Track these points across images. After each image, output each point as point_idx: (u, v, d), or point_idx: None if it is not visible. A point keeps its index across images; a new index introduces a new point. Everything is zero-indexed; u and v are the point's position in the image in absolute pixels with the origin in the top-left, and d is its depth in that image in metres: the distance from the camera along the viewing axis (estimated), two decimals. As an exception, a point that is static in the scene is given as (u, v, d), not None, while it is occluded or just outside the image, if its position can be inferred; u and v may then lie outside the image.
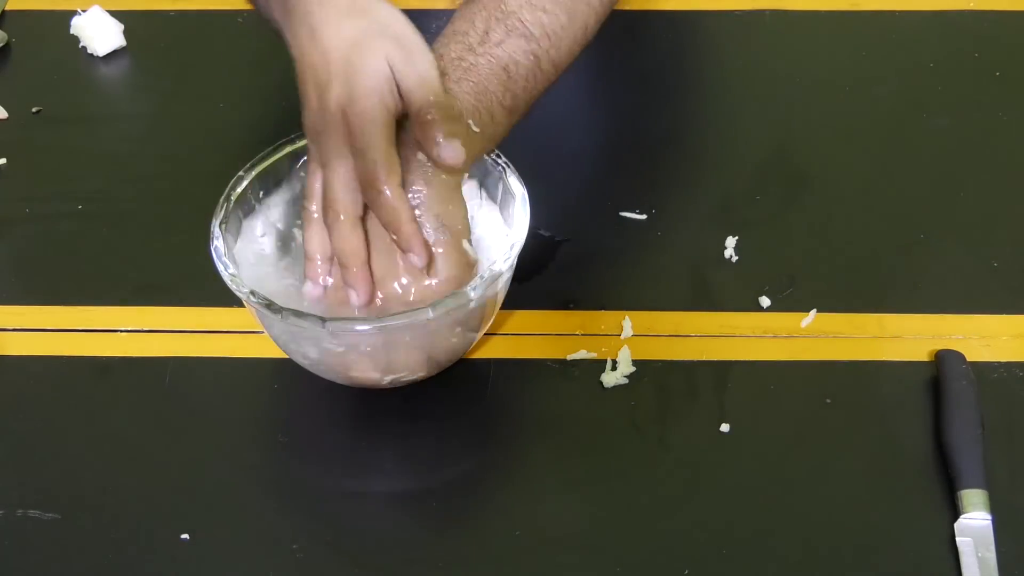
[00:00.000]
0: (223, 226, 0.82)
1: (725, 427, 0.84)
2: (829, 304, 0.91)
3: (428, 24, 0.85)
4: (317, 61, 0.78)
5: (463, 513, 0.82)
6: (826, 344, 0.89)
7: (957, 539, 0.78)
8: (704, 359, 0.88)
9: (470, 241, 0.82)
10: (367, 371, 0.82)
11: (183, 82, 1.12)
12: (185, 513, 0.81)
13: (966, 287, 0.93)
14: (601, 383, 0.87)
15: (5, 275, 0.96)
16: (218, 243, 0.82)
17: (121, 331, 0.91)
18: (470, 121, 0.81)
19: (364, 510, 0.82)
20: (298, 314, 0.77)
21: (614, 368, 0.88)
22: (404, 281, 0.80)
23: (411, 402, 0.86)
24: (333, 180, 0.78)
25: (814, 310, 0.91)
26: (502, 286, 0.83)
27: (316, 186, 0.80)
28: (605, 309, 0.92)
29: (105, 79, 1.13)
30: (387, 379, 0.83)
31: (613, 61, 1.12)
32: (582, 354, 0.89)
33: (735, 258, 0.95)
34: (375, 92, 0.77)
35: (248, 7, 0.92)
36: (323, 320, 0.77)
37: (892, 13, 1.15)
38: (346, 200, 0.78)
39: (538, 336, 0.91)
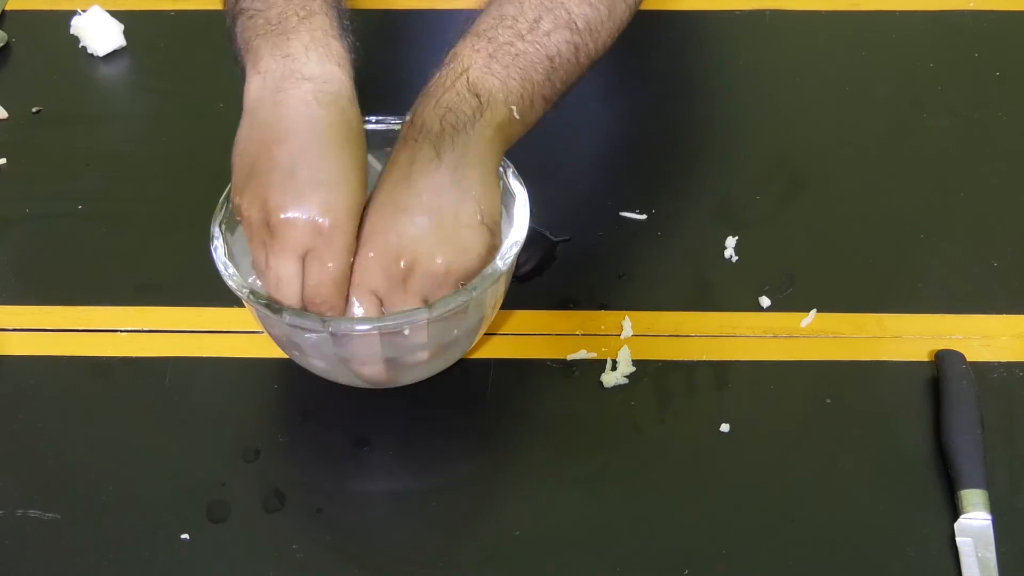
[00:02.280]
0: (223, 226, 0.82)
1: (725, 427, 0.84)
2: (829, 304, 0.91)
3: (450, 24, 0.85)
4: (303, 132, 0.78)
5: (463, 513, 0.82)
6: (826, 344, 0.89)
7: (957, 539, 0.78)
8: (704, 359, 0.88)
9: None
10: (372, 372, 0.82)
11: (183, 82, 1.12)
12: (185, 513, 0.81)
13: (966, 287, 0.93)
14: (601, 383, 0.87)
15: (5, 275, 0.96)
16: (218, 243, 0.82)
17: (121, 331, 0.91)
18: (513, 108, 0.81)
19: (364, 510, 0.82)
20: (298, 314, 0.77)
21: (614, 368, 0.88)
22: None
23: (411, 402, 0.86)
24: (284, 283, 0.78)
25: (814, 310, 0.91)
26: (502, 286, 0.83)
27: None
28: (605, 309, 0.92)
29: (105, 79, 1.13)
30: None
31: (613, 61, 1.11)
32: (582, 354, 0.89)
33: (735, 258, 0.95)
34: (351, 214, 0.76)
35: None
36: (323, 320, 0.77)
37: (892, 13, 1.15)
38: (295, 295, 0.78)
39: (538, 336, 0.91)
